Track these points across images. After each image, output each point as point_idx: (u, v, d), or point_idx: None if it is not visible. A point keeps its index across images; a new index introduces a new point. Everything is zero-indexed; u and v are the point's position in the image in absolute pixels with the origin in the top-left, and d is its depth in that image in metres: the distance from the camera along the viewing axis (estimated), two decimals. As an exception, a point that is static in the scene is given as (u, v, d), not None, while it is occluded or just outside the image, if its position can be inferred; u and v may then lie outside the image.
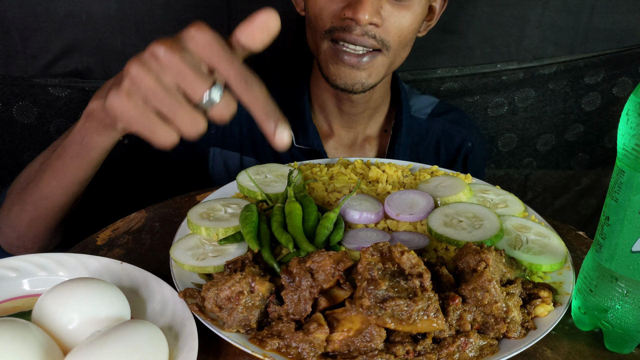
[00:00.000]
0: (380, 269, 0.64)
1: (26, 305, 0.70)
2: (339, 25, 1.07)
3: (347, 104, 1.24)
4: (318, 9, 1.09)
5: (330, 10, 1.07)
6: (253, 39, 0.68)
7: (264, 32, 0.68)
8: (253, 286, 0.67)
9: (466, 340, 0.64)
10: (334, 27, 1.08)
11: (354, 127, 1.31)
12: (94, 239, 0.87)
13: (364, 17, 1.02)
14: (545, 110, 1.73)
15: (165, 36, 0.66)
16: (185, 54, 0.65)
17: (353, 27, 1.05)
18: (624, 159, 0.63)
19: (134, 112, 0.67)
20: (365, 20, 1.03)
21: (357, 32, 1.06)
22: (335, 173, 1.01)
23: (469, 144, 1.37)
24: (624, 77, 1.71)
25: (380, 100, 1.29)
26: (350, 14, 1.03)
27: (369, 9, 1.02)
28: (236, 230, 0.81)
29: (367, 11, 1.02)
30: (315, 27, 1.12)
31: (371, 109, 1.29)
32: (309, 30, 1.16)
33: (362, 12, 1.02)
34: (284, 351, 0.63)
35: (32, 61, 1.40)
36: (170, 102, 0.66)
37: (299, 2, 1.23)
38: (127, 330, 0.58)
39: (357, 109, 1.25)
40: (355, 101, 1.22)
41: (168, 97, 0.66)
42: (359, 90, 1.13)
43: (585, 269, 0.71)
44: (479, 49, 1.62)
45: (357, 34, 1.06)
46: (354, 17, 1.03)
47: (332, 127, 1.31)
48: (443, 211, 0.86)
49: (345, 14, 1.04)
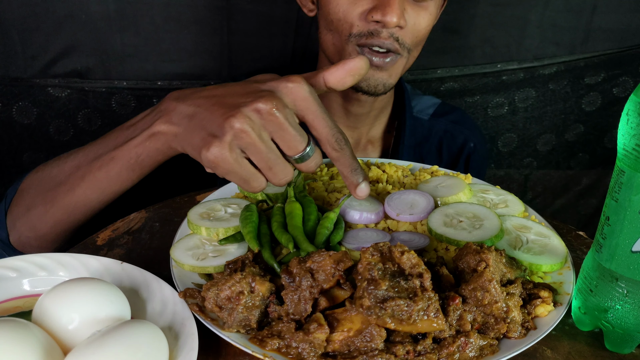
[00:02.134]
0: (381, 269, 0.64)
1: (26, 305, 0.70)
2: (366, 29, 1.06)
3: (355, 104, 1.23)
4: (342, 12, 1.07)
5: (355, 13, 1.06)
6: (343, 83, 0.75)
7: (355, 76, 0.74)
8: (253, 286, 0.67)
9: (466, 340, 0.64)
10: (360, 32, 1.07)
11: (358, 128, 1.31)
12: (94, 239, 0.87)
13: (393, 19, 1.01)
14: (546, 110, 1.73)
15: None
16: (285, 110, 0.69)
17: (380, 31, 1.05)
18: (624, 159, 0.63)
19: (234, 165, 0.71)
20: (393, 23, 1.02)
21: (384, 36, 1.05)
22: (335, 173, 1.01)
23: (471, 144, 1.37)
24: (624, 77, 1.71)
25: (386, 100, 1.29)
26: (379, 16, 1.02)
27: (397, 11, 1.01)
28: (236, 230, 0.81)
29: (395, 13, 1.01)
30: (338, 30, 1.10)
31: (377, 110, 1.28)
32: (329, 33, 1.14)
33: (391, 15, 1.01)
34: (284, 351, 0.63)
35: (32, 61, 1.40)
36: (268, 157, 0.71)
37: (306, 3, 1.22)
38: (127, 330, 0.58)
39: (365, 108, 1.25)
40: (364, 101, 1.22)
41: (267, 152, 0.70)
42: (381, 91, 1.13)
43: (585, 269, 0.71)
44: (479, 48, 1.62)
45: (384, 37, 1.05)
46: (382, 19, 1.02)
47: None
48: (443, 211, 0.86)
49: (374, 17, 1.03)
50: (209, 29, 1.45)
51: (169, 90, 1.48)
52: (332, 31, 1.12)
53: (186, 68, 1.48)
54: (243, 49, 1.50)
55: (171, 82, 1.49)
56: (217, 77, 1.51)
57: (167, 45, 1.44)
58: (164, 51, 1.45)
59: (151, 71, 1.47)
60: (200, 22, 1.44)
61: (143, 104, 1.49)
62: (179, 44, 1.45)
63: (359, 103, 1.23)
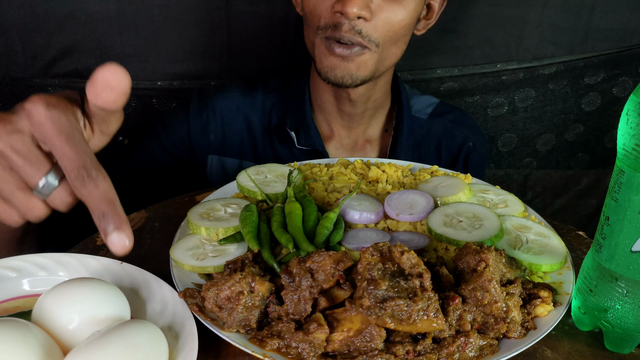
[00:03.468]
0: (380, 269, 0.64)
1: (26, 305, 0.70)
2: (331, 21, 1.07)
3: (347, 104, 1.24)
4: (312, 6, 1.09)
5: (323, 5, 1.08)
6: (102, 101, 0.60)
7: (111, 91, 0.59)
8: (253, 286, 0.67)
9: (466, 340, 0.64)
10: (326, 24, 1.08)
11: (354, 128, 1.31)
12: (94, 239, 0.87)
13: (352, 10, 1.02)
14: (545, 110, 1.73)
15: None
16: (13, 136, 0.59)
17: (342, 23, 1.05)
18: (624, 159, 0.63)
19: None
20: (353, 14, 1.02)
21: (345, 28, 1.05)
22: (335, 173, 1.01)
23: (470, 143, 1.37)
24: (624, 77, 1.71)
25: (381, 100, 1.29)
26: (339, 7, 1.03)
27: (357, 2, 1.02)
28: (236, 230, 0.81)
29: (355, 4, 1.02)
30: (310, 23, 1.12)
31: (371, 109, 1.28)
32: (306, 27, 1.16)
33: (350, 5, 1.02)
34: (284, 351, 0.63)
35: (32, 61, 1.40)
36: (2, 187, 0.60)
37: (298, 2, 1.23)
38: (127, 330, 0.58)
39: (357, 108, 1.25)
40: (355, 100, 1.22)
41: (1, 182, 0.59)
42: (349, 83, 1.12)
43: (585, 269, 0.71)
44: (479, 48, 1.62)
45: (345, 30, 1.05)
46: (342, 10, 1.03)
47: (333, 128, 1.31)
48: (443, 211, 0.86)
49: (335, 7, 1.04)
50: (208, 30, 1.45)
51: (169, 91, 1.50)
52: (307, 25, 1.14)
53: (186, 68, 1.48)
54: (242, 50, 1.50)
55: (171, 83, 1.49)
56: (216, 77, 1.51)
57: (166, 45, 1.45)
58: (163, 51, 1.45)
59: (151, 71, 1.47)
60: (200, 23, 1.44)
61: (143, 104, 1.50)
62: (178, 45, 1.45)
63: (350, 103, 1.22)
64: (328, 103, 1.26)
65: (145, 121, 1.51)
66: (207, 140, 1.30)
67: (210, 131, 1.29)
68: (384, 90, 1.27)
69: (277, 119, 1.30)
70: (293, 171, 0.92)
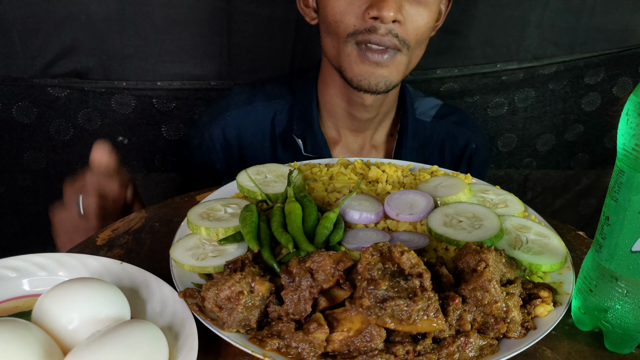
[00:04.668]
0: (380, 269, 0.64)
1: (26, 305, 0.70)
2: (363, 27, 1.07)
3: (360, 109, 1.23)
4: (339, 14, 1.08)
5: (353, 13, 1.07)
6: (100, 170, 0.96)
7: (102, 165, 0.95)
8: (253, 286, 0.67)
9: (466, 340, 0.64)
10: (357, 30, 1.07)
11: (362, 132, 1.30)
12: (94, 239, 0.87)
13: (389, 14, 1.03)
14: (545, 110, 1.73)
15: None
16: None
17: (378, 27, 1.06)
18: (624, 159, 0.63)
19: None
20: (390, 18, 1.03)
21: (381, 32, 1.06)
22: (335, 173, 1.01)
23: (473, 145, 1.37)
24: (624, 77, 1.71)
25: (392, 104, 1.29)
26: (375, 12, 1.04)
27: (393, 6, 1.03)
28: (236, 230, 0.81)
29: (392, 8, 1.03)
30: (336, 32, 1.11)
31: (382, 114, 1.28)
32: (327, 36, 1.15)
33: (387, 10, 1.02)
34: (284, 351, 0.63)
35: (32, 62, 1.40)
36: None
37: (308, 12, 1.22)
38: (127, 330, 0.58)
39: (370, 113, 1.24)
40: (369, 106, 1.21)
41: None
42: (382, 89, 1.13)
43: (585, 269, 0.71)
44: (479, 49, 1.62)
45: (382, 34, 1.06)
46: (379, 14, 1.03)
47: (341, 133, 1.30)
48: (443, 211, 0.86)
49: (370, 13, 1.04)
50: (209, 30, 1.45)
51: (169, 91, 1.50)
52: (331, 34, 1.13)
53: (186, 69, 1.48)
54: (243, 50, 1.50)
55: (171, 83, 1.49)
56: (217, 78, 1.51)
57: (167, 45, 1.44)
58: (163, 52, 1.45)
59: (151, 72, 1.47)
60: (200, 23, 1.44)
61: (143, 104, 1.50)
62: (179, 45, 1.45)
63: (364, 108, 1.22)
64: (339, 108, 1.26)
65: (144, 121, 1.52)
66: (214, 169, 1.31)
67: (214, 161, 1.30)
68: (394, 94, 1.27)
69: (282, 127, 1.29)
70: (293, 171, 0.92)
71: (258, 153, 1.29)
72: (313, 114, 1.26)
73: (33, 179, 1.54)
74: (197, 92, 1.51)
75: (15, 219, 1.58)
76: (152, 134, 1.54)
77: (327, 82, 1.24)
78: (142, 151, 1.56)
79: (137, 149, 1.55)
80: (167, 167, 1.59)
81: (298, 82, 1.32)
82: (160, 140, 1.55)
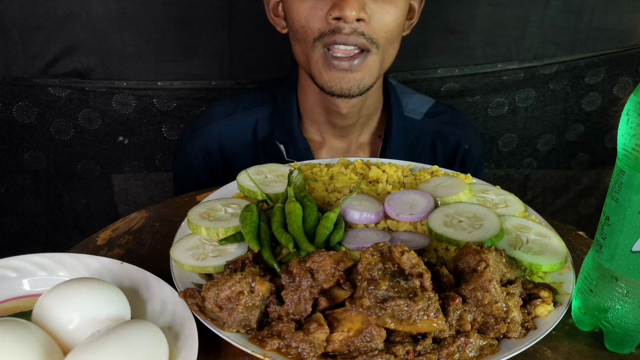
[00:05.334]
0: (381, 269, 0.64)
1: (26, 305, 0.70)
2: (327, 28, 1.07)
3: (339, 118, 1.23)
4: (304, 19, 1.09)
5: (316, 16, 1.08)
6: None
7: None
8: (253, 286, 0.67)
9: (466, 340, 0.64)
10: (322, 33, 1.08)
11: (346, 136, 1.30)
12: (94, 239, 0.87)
13: (351, 13, 1.03)
14: (546, 110, 1.73)
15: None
16: None
17: (342, 27, 1.06)
18: (624, 159, 0.63)
19: None
20: (352, 17, 1.03)
21: (346, 31, 1.06)
22: (335, 173, 1.01)
23: (465, 146, 1.35)
24: (624, 77, 1.71)
25: (374, 107, 1.28)
26: (337, 12, 1.04)
27: (354, 4, 1.03)
28: (236, 230, 0.81)
29: (353, 7, 1.03)
30: (303, 38, 1.11)
31: (364, 117, 1.27)
32: (296, 43, 1.15)
33: (349, 9, 1.02)
34: (284, 351, 0.63)
35: (32, 61, 1.40)
36: None
37: (278, 21, 1.23)
38: (127, 330, 0.58)
39: (349, 120, 1.24)
40: (346, 114, 1.21)
41: None
42: (356, 93, 1.13)
43: (585, 269, 0.71)
44: (480, 48, 1.62)
45: (347, 33, 1.06)
46: (341, 14, 1.03)
47: (324, 137, 1.30)
48: (443, 211, 0.86)
49: (332, 14, 1.05)
50: (210, 29, 1.45)
51: (169, 91, 1.50)
52: (299, 40, 1.13)
53: (187, 68, 1.48)
54: (244, 49, 1.49)
55: (172, 82, 1.49)
56: (217, 77, 1.51)
57: (167, 45, 1.45)
58: (164, 51, 1.45)
59: (152, 71, 1.47)
60: (201, 22, 1.44)
61: (143, 104, 1.50)
62: (179, 44, 1.45)
63: (342, 117, 1.22)
64: (319, 115, 1.26)
65: (145, 121, 1.52)
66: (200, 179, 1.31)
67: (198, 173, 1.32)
68: (375, 97, 1.26)
69: (264, 134, 1.29)
70: (293, 171, 0.92)
71: (241, 162, 1.29)
72: (293, 120, 1.26)
73: (33, 179, 1.54)
74: (198, 91, 1.51)
75: (15, 219, 1.59)
76: (153, 134, 1.54)
77: (306, 90, 1.24)
78: (143, 151, 1.56)
79: (138, 149, 1.55)
80: (167, 167, 1.60)
81: (279, 89, 1.32)
82: (160, 140, 1.55)
